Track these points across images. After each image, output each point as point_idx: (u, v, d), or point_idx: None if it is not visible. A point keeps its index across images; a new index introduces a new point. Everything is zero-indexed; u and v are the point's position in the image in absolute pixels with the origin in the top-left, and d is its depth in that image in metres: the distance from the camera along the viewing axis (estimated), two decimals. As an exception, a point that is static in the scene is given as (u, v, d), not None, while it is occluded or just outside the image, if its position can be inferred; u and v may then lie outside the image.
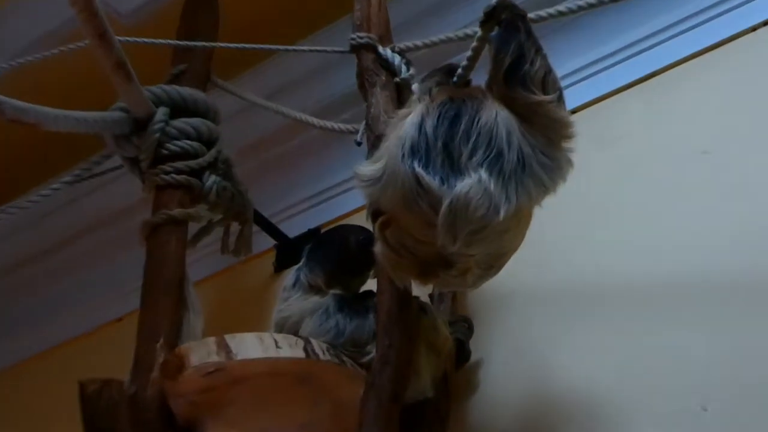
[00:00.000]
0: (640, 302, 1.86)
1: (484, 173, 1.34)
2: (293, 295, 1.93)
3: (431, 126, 1.37)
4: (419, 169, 1.34)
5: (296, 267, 1.99)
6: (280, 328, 1.89)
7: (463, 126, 1.36)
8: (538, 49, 1.44)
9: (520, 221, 1.44)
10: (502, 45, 1.43)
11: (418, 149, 1.35)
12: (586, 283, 1.94)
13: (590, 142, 2.10)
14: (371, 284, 1.84)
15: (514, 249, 1.50)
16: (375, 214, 1.49)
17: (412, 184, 1.35)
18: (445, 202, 1.34)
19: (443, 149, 1.35)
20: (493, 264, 1.48)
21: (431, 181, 1.34)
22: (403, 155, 1.36)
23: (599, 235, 1.99)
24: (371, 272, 1.91)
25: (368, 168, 1.42)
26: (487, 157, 1.35)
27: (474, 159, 1.35)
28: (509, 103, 1.42)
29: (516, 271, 1.85)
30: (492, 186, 1.34)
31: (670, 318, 1.81)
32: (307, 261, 1.97)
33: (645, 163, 2.03)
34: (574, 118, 1.45)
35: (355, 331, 1.81)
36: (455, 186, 1.34)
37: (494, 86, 1.46)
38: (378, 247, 1.48)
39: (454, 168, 1.35)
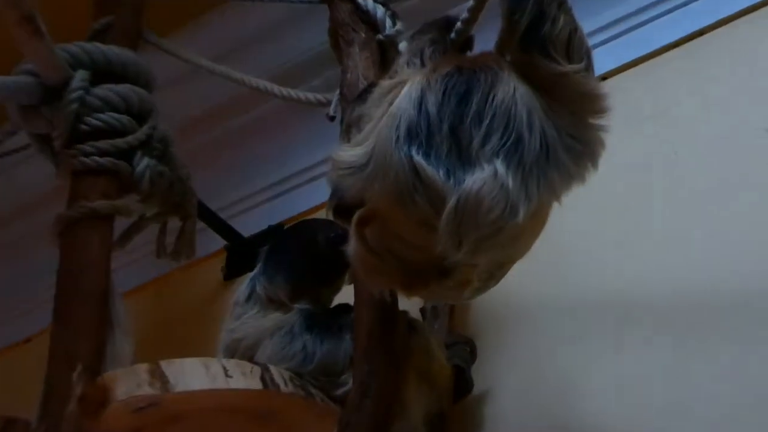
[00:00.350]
0: (684, 320, 1.86)
1: (500, 165, 1.33)
2: (248, 312, 1.94)
3: (434, 103, 1.35)
4: (418, 158, 1.33)
5: (251, 275, 1.99)
6: (232, 353, 1.90)
7: (474, 105, 1.35)
8: (561, 2, 1.43)
9: (536, 222, 1.43)
10: (517, 0, 1.42)
11: (418, 132, 1.34)
12: (616, 297, 1.95)
13: (620, 120, 2.12)
14: (346, 295, 1.83)
15: (522, 256, 1.49)
16: (341, 208, 1.49)
17: (408, 176, 1.33)
18: (451, 201, 1.32)
19: (450, 134, 1.34)
20: (495, 273, 1.48)
21: (433, 173, 1.32)
22: (398, 139, 1.34)
23: (630, 238, 2.00)
24: (346, 279, 1.91)
25: (349, 153, 1.40)
26: (504, 144, 1.34)
27: (487, 147, 1.33)
28: (526, 72, 1.41)
29: (529, 282, 1.86)
30: (510, 181, 1.33)
31: (720, 339, 1.81)
32: (265, 268, 1.97)
33: (691, 146, 2.03)
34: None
35: (326, 356, 1.82)
36: (464, 181, 1.32)
37: (507, 51, 1.44)
38: (353, 248, 1.47)
39: (462, 157, 1.33)
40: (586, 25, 1.49)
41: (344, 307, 1.88)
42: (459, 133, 1.34)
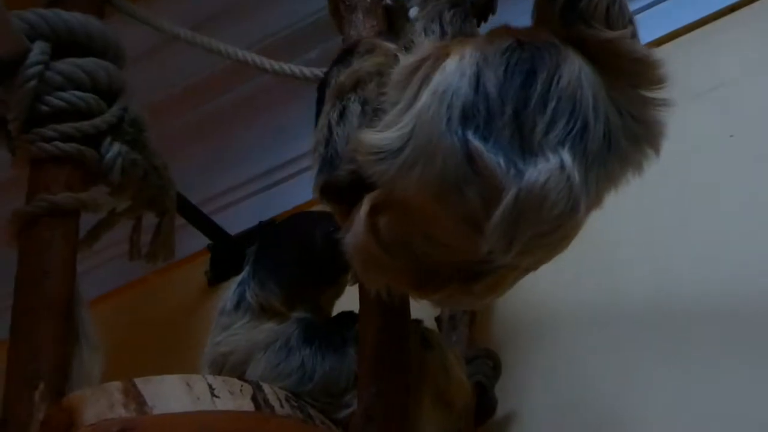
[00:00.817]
0: (725, 330, 1.90)
1: (566, 155, 1.34)
2: (237, 322, 1.94)
3: (495, 82, 1.35)
4: (476, 143, 1.32)
5: (238, 280, 2.00)
6: (218, 369, 1.90)
7: (539, 86, 1.36)
8: None
9: (586, 219, 1.44)
10: None
11: (474, 114, 1.34)
12: (653, 304, 1.98)
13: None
14: (350, 301, 1.83)
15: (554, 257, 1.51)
16: (331, 188, 1.49)
17: (460, 164, 1.33)
18: (509, 194, 1.32)
19: (513, 118, 1.34)
20: (522, 277, 1.51)
21: (492, 161, 1.32)
22: (449, 120, 1.34)
23: (669, 240, 2.02)
24: (348, 280, 1.92)
25: (380, 136, 1.40)
26: (570, 131, 1.35)
27: (552, 134, 1.34)
28: (577, 47, 1.42)
29: (558, 288, 1.87)
30: (576, 174, 1.34)
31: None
32: (255, 271, 1.97)
33: (750, 129, 2.04)
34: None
35: (328, 374, 1.82)
36: (525, 172, 1.33)
37: (546, 24, 1.46)
38: (357, 238, 1.47)
39: (524, 145, 1.33)
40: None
41: (348, 316, 1.88)
42: (522, 118, 1.34)
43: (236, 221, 2.58)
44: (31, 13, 2.01)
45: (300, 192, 2.49)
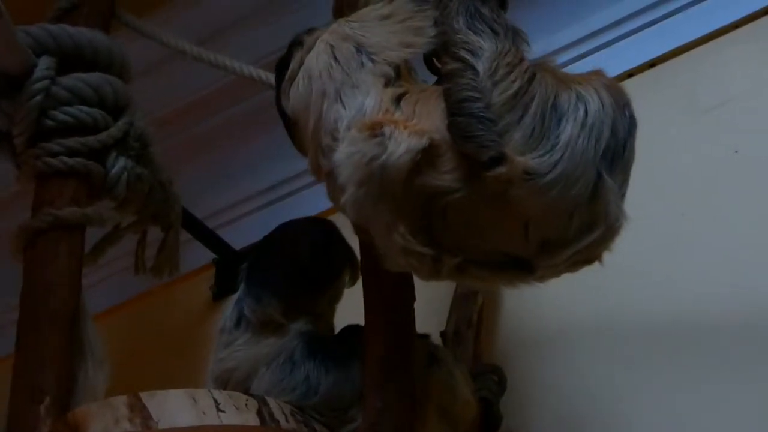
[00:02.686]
0: (741, 345, 1.90)
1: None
2: (239, 338, 1.94)
3: (622, 132, 1.54)
4: (607, 179, 1.50)
5: (235, 298, 2.00)
6: (223, 385, 1.90)
7: (628, 148, 1.56)
8: None
9: None
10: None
11: (608, 153, 1.51)
12: (663, 318, 1.98)
13: (673, 110, 2.14)
14: (354, 315, 1.83)
15: None
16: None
17: (587, 193, 1.50)
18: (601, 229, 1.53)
19: (624, 167, 1.55)
20: None
21: (610, 198, 1.51)
22: (595, 153, 1.50)
23: (678, 254, 2.03)
24: (347, 280, 1.93)
25: (537, 161, 1.48)
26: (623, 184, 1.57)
27: (623, 189, 1.57)
28: None
29: (563, 302, 1.87)
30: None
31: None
32: (249, 287, 1.98)
33: (755, 145, 2.04)
34: (652, 73, 1.46)
35: (332, 388, 1.82)
36: (621, 213, 1.54)
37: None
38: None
39: (621, 191, 1.55)
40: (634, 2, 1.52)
41: (353, 330, 1.88)
42: (627, 170, 1.55)
43: (241, 236, 2.57)
44: (38, 28, 2.02)
45: (305, 206, 2.47)
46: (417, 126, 1.50)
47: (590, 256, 1.57)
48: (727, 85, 2.13)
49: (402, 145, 1.48)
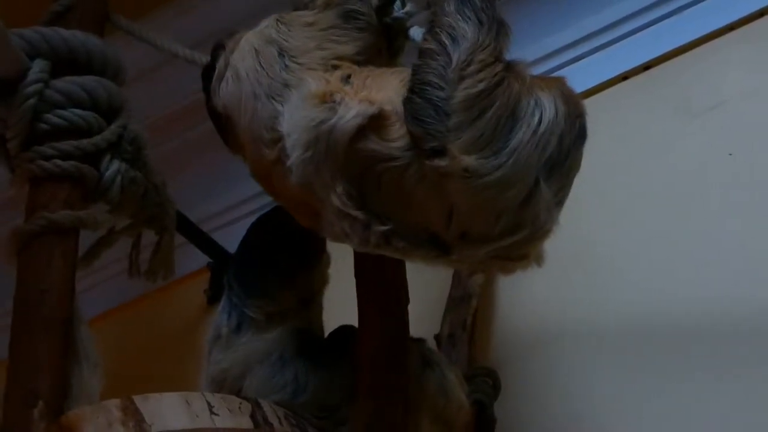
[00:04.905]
0: (738, 348, 1.90)
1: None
2: (235, 341, 1.95)
3: (568, 143, 1.56)
4: (543, 184, 1.54)
5: (219, 309, 2.01)
6: (219, 386, 1.90)
7: (570, 161, 1.59)
8: None
9: None
10: None
11: (549, 161, 1.54)
12: (659, 321, 1.99)
13: (668, 113, 2.14)
14: (348, 317, 1.84)
15: None
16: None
17: (522, 195, 1.53)
18: (526, 231, 1.56)
19: (566, 175, 1.58)
20: None
21: (542, 206, 1.54)
22: (538, 162, 1.53)
23: (674, 256, 2.03)
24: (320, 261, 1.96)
25: (481, 162, 1.51)
26: (562, 198, 1.61)
27: (558, 198, 1.59)
28: None
29: (558, 305, 1.88)
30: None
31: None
32: (230, 289, 2.00)
33: (751, 146, 2.05)
34: (646, 76, 1.46)
35: (321, 386, 1.82)
36: (550, 220, 1.57)
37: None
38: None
39: (558, 197, 1.59)
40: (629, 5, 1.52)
41: (346, 330, 1.88)
42: (565, 179, 1.58)
43: (236, 239, 2.53)
44: (31, 32, 2.01)
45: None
46: (368, 96, 1.55)
47: (512, 254, 1.58)
48: (722, 88, 2.13)
49: (352, 110, 1.53)
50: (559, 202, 1.57)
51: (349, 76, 1.60)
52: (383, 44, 1.81)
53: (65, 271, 1.91)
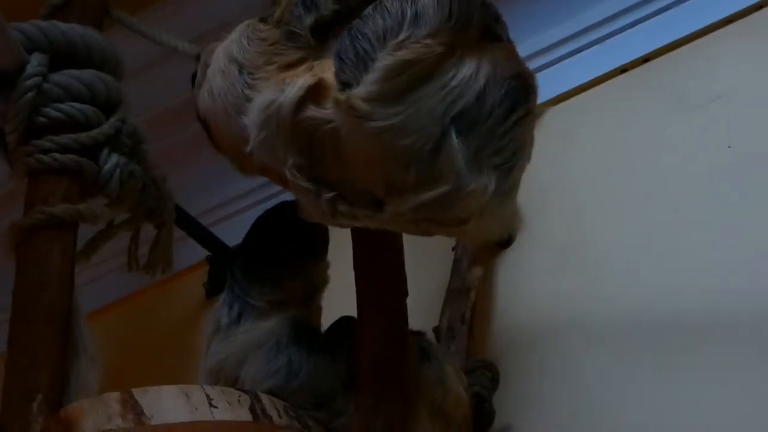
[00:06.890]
0: (741, 344, 1.89)
1: (492, 182, 1.57)
2: (235, 331, 1.94)
3: (491, 101, 1.55)
4: (455, 138, 1.52)
5: (229, 295, 2.01)
6: (216, 376, 1.90)
7: (512, 121, 1.57)
8: None
9: None
10: None
11: (463, 115, 1.53)
12: (661, 316, 1.98)
13: (666, 106, 2.14)
14: (349, 308, 1.84)
15: None
16: None
17: (429, 148, 1.52)
18: (441, 189, 1.54)
19: (487, 135, 1.55)
20: None
21: (457, 159, 1.52)
22: (444, 114, 1.53)
23: (676, 249, 2.02)
24: (326, 254, 1.96)
25: (373, 105, 1.51)
26: (504, 164, 1.60)
27: (495, 159, 1.58)
28: None
29: (559, 297, 1.87)
30: (493, 197, 1.58)
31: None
32: (233, 281, 2.00)
33: (748, 140, 2.04)
34: (645, 69, 1.46)
35: (313, 373, 1.82)
36: (468, 179, 1.54)
37: None
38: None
39: (475, 160, 1.55)
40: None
41: (346, 321, 1.87)
42: (489, 139, 1.55)
43: (235, 233, 2.56)
44: (29, 25, 2.01)
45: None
46: (316, 72, 1.59)
47: (439, 216, 1.57)
48: (721, 80, 2.12)
49: (296, 86, 1.57)
50: (495, 166, 1.56)
51: (312, 67, 1.63)
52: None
53: (64, 264, 1.91)
